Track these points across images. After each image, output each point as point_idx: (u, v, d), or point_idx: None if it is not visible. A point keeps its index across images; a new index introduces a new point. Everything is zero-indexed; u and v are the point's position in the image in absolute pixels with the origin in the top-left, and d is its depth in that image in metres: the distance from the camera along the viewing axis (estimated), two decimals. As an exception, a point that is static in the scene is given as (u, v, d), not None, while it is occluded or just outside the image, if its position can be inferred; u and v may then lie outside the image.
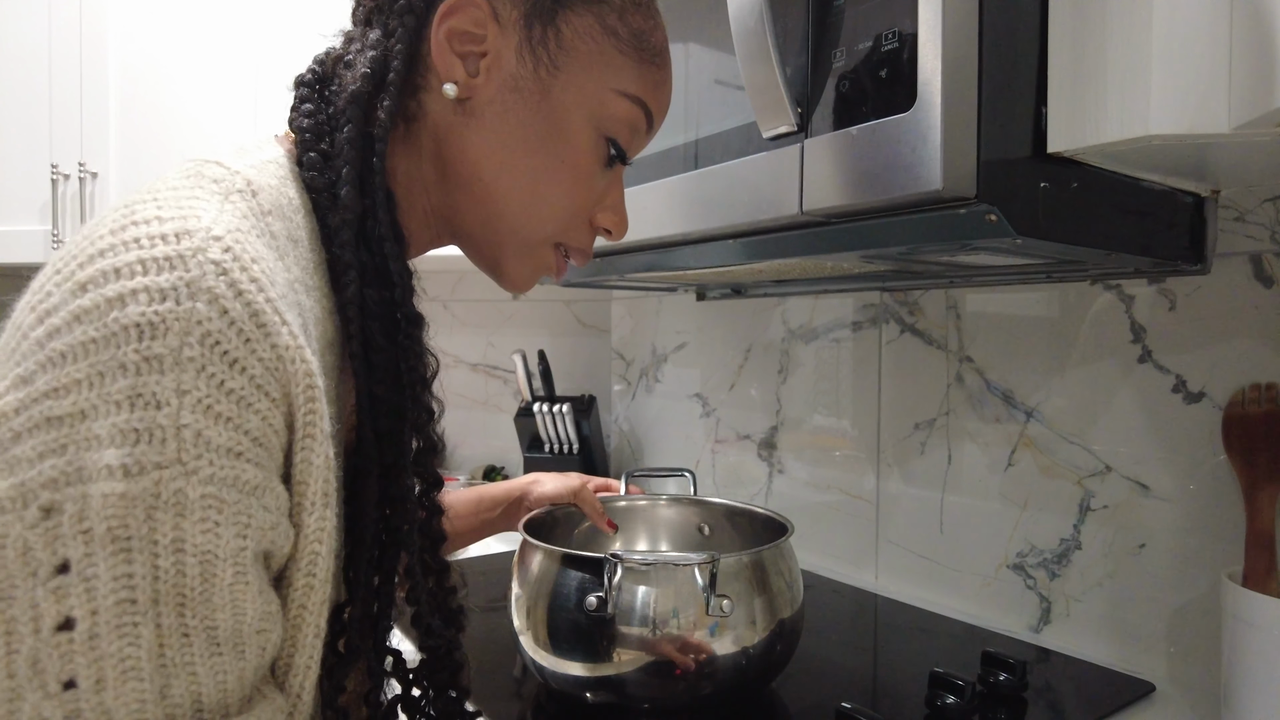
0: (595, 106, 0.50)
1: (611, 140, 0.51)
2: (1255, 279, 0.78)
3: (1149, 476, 0.86)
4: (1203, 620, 0.81)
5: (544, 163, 0.49)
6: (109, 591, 0.32)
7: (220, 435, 0.34)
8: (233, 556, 0.35)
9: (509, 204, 0.50)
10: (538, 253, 0.53)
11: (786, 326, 1.29)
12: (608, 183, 0.54)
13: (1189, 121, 0.53)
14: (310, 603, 0.40)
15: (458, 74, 0.47)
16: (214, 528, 0.34)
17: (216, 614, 0.35)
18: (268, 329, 0.36)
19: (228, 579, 0.35)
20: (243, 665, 0.37)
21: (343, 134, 0.45)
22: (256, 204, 0.41)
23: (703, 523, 0.98)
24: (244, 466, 0.35)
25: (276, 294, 0.37)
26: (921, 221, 0.58)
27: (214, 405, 0.34)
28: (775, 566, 0.75)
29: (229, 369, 0.35)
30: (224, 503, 0.34)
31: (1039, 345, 0.95)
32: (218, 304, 0.34)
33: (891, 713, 0.77)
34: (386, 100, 0.46)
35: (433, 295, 1.84)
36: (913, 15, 0.52)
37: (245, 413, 0.35)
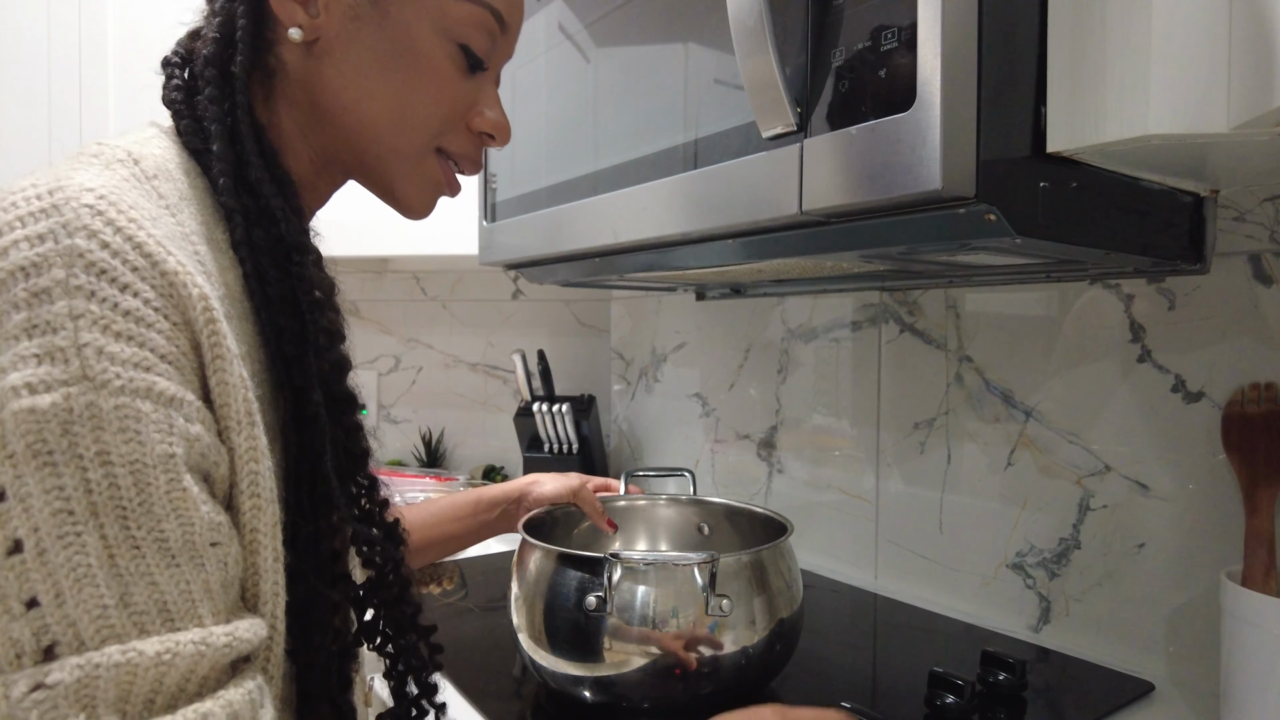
0: (436, 15, 0.51)
1: (464, 46, 0.53)
2: (1254, 278, 0.78)
3: (1148, 476, 0.86)
4: (1202, 620, 0.81)
5: (401, 78, 0.52)
6: (43, 505, 0.34)
7: (124, 350, 0.36)
8: (162, 463, 0.36)
9: (379, 126, 0.52)
10: (422, 165, 0.55)
11: (786, 326, 1.29)
12: (476, 89, 0.55)
13: (1188, 121, 0.53)
14: (262, 524, 0.41)
15: (299, 17, 0.49)
16: (135, 436, 0.36)
17: (163, 524, 0.36)
18: (153, 257, 0.38)
19: (163, 486, 0.36)
20: (205, 577, 0.37)
21: (204, 95, 0.48)
22: (139, 170, 0.43)
23: (702, 522, 0.98)
24: (154, 379, 0.37)
25: (160, 232, 0.39)
26: (921, 221, 0.58)
27: (111, 325, 0.36)
28: (775, 566, 0.75)
29: (120, 292, 0.36)
30: (140, 412, 0.36)
31: (1038, 345, 0.96)
32: (96, 238, 0.36)
33: (891, 712, 0.77)
34: (239, 57, 0.49)
35: (432, 295, 1.84)
36: (912, 15, 0.52)
37: (146, 330, 0.37)
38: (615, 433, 1.75)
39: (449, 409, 1.85)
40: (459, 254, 1.34)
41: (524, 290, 1.81)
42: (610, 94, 0.84)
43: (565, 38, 0.91)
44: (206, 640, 0.36)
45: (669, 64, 0.75)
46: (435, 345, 1.86)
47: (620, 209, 0.81)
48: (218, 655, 0.37)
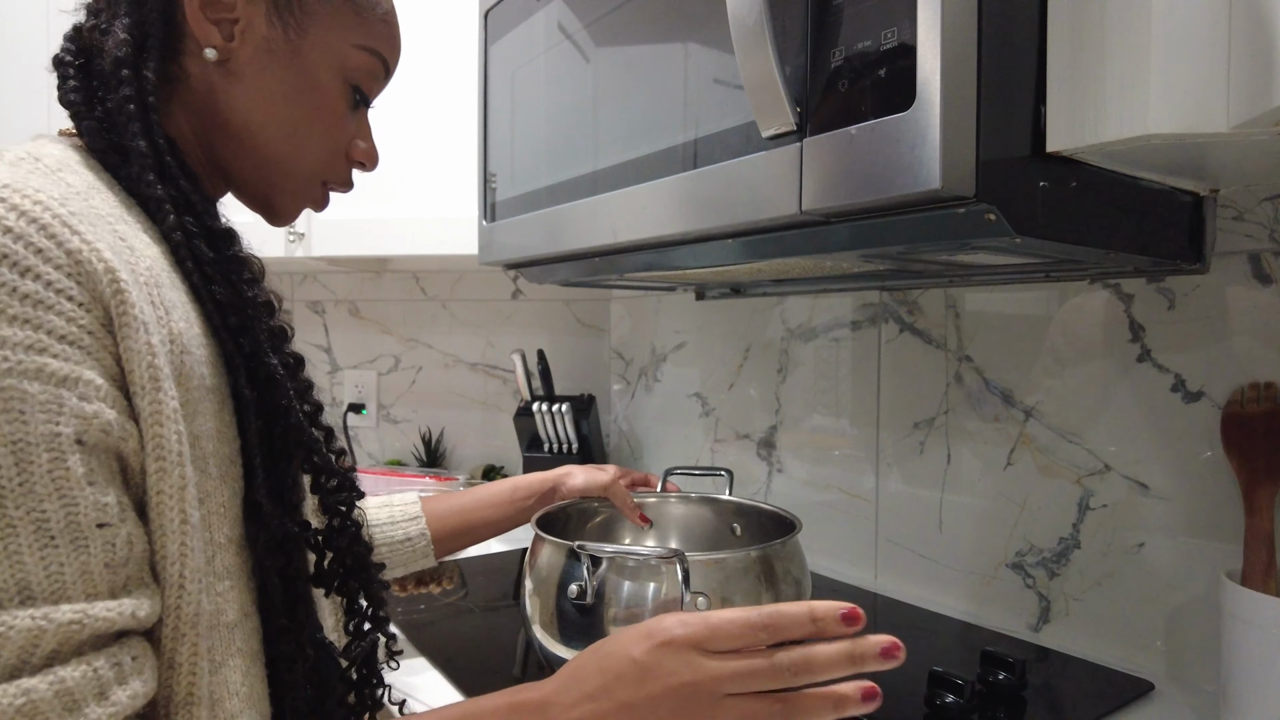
0: (339, 60, 0.58)
1: (355, 87, 0.60)
2: (1254, 278, 0.78)
3: (1148, 475, 0.86)
4: (1201, 619, 0.82)
5: (302, 113, 0.58)
6: None
7: (17, 334, 0.38)
8: (45, 442, 0.38)
9: (277, 151, 0.58)
10: (307, 190, 0.62)
11: (785, 326, 1.29)
12: (357, 124, 0.63)
13: (1188, 121, 0.53)
14: (166, 486, 0.42)
15: (215, 40, 0.53)
16: (20, 416, 0.37)
17: (44, 504, 0.37)
18: (58, 238, 0.40)
19: (45, 465, 0.38)
20: (85, 559, 0.39)
21: (119, 94, 0.50)
22: (43, 165, 0.46)
23: (735, 522, 0.98)
24: (46, 360, 0.38)
25: (66, 211, 0.41)
26: (920, 221, 0.58)
27: (7, 309, 0.38)
28: (783, 563, 0.76)
29: (20, 276, 0.38)
30: (25, 394, 0.37)
31: (1038, 344, 0.96)
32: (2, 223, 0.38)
33: (891, 712, 0.77)
34: (152, 62, 0.52)
35: (432, 295, 1.84)
36: (912, 15, 0.52)
37: (44, 313, 0.39)
38: (615, 432, 1.75)
39: (449, 409, 1.85)
40: (458, 254, 1.34)
41: (524, 290, 1.81)
42: (610, 94, 0.84)
43: (565, 37, 0.91)
44: (49, 616, 0.37)
45: (669, 63, 0.75)
46: (435, 345, 1.86)
47: (620, 209, 0.81)
48: (64, 633, 0.37)
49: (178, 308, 0.47)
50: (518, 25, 1.00)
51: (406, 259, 1.60)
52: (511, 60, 1.02)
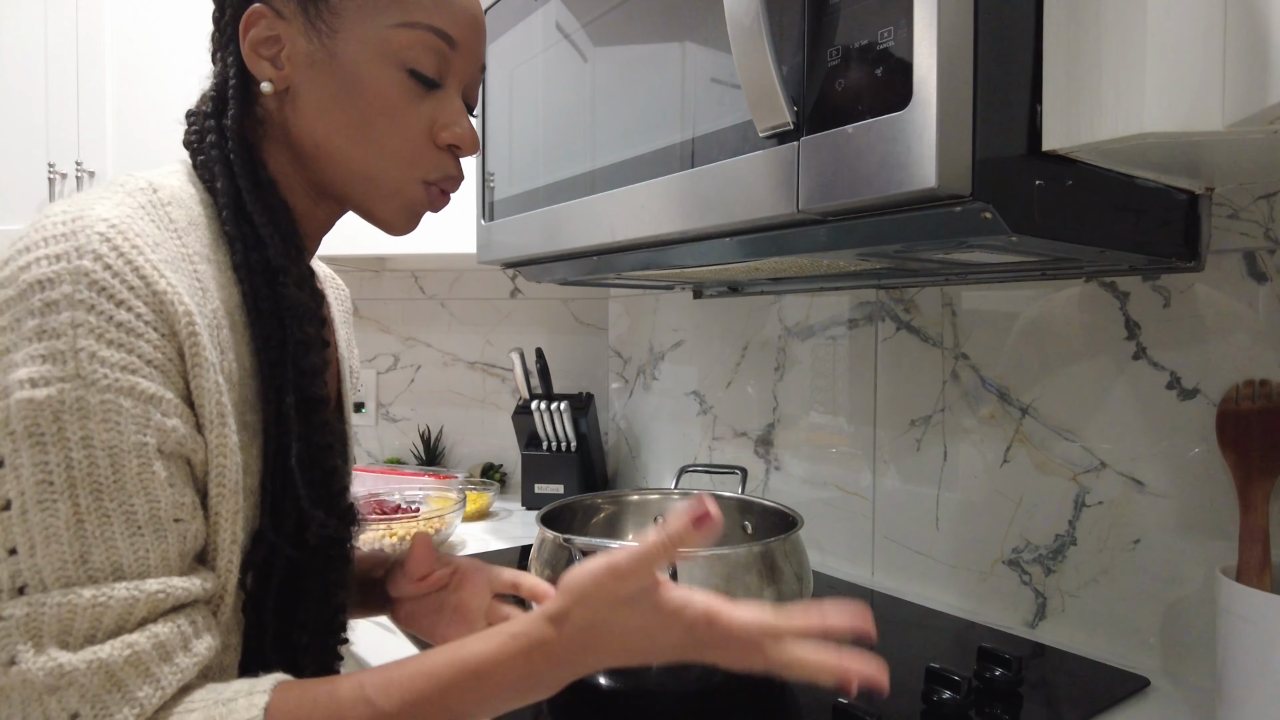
0: (379, 48, 0.56)
1: (412, 71, 0.56)
2: (1249, 276, 0.78)
3: (1143, 472, 0.86)
4: (1197, 615, 0.82)
5: (358, 114, 0.56)
6: (29, 475, 0.42)
7: (114, 355, 0.44)
8: (136, 450, 0.44)
9: (349, 159, 0.57)
10: (402, 191, 0.59)
11: (783, 324, 1.29)
12: (435, 107, 0.58)
13: (1183, 119, 0.54)
14: (223, 510, 0.49)
15: (268, 72, 0.56)
16: (115, 426, 0.44)
17: (133, 499, 0.44)
18: (148, 279, 0.45)
19: (134, 469, 0.44)
20: (165, 547, 0.46)
21: (206, 142, 0.56)
22: (156, 198, 0.51)
23: (746, 520, 0.99)
24: (137, 380, 0.45)
25: (158, 257, 0.47)
26: (917, 219, 0.58)
27: (105, 333, 0.44)
28: (785, 559, 0.76)
29: (116, 307, 0.44)
30: (121, 408, 0.44)
31: (1034, 342, 0.96)
32: (101, 260, 0.44)
33: (888, 708, 0.77)
34: (231, 110, 0.56)
35: (431, 294, 1.84)
36: (908, 14, 0.52)
37: (135, 340, 0.45)
38: (613, 430, 1.75)
39: (447, 407, 1.86)
40: (457, 253, 1.34)
41: (522, 289, 1.81)
42: (607, 93, 0.84)
43: (563, 37, 0.91)
44: (140, 588, 0.44)
45: (666, 63, 0.75)
46: (434, 344, 1.86)
47: (618, 208, 0.81)
48: (152, 601, 0.45)
49: (232, 347, 0.52)
50: (516, 25, 1.00)
51: (405, 258, 1.60)
52: (509, 59, 1.02)
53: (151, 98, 1.52)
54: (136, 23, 1.53)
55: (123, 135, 1.53)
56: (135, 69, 1.53)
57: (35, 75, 1.55)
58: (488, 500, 1.57)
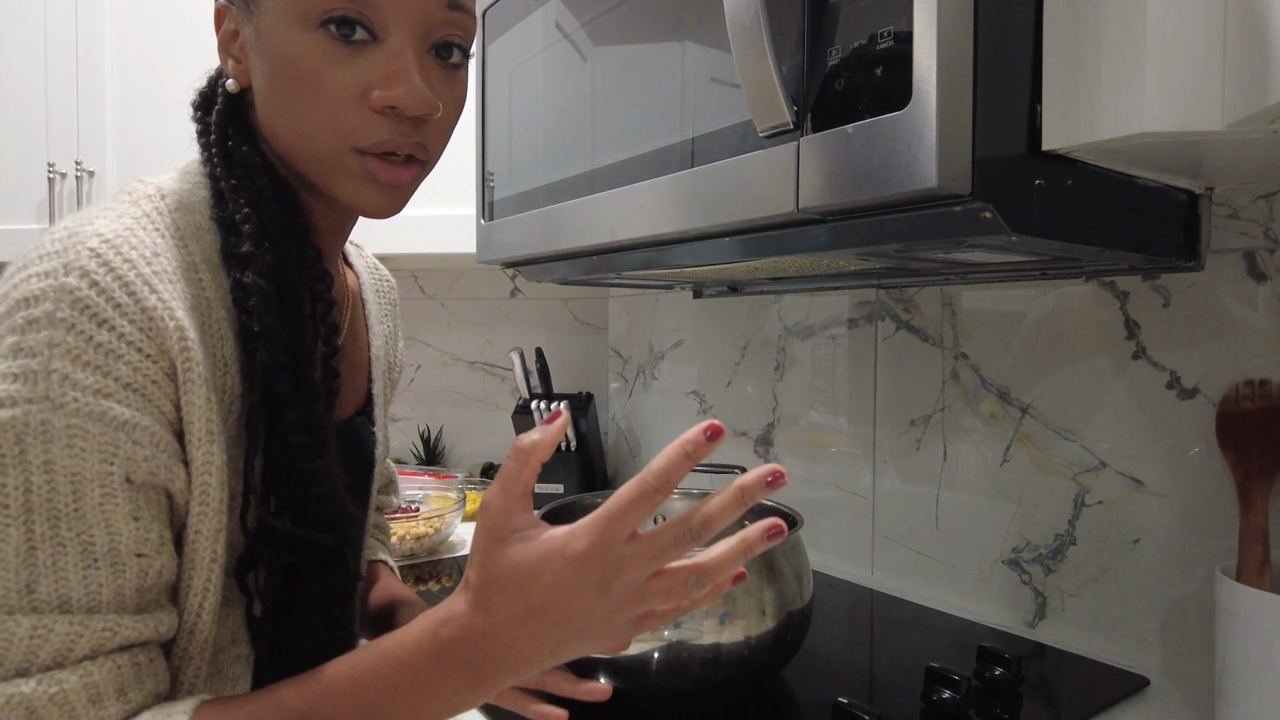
0: (288, 10, 0.50)
1: (328, 20, 0.49)
2: (1248, 275, 0.78)
3: (1143, 472, 0.86)
4: (1197, 615, 0.82)
5: (285, 88, 0.51)
6: None
7: (87, 378, 0.42)
8: (99, 479, 0.42)
9: (291, 142, 0.53)
10: (346, 165, 0.52)
11: (783, 324, 1.29)
12: (366, 66, 0.51)
13: (1183, 119, 0.54)
14: (204, 529, 0.47)
15: (230, 69, 0.55)
16: (79, 453, 0.42)
17: (92, 530, 0.42)
18: (137, 295, 0.44)
19: (96, 498, 0.42)
20: (120, 582, 0.44)
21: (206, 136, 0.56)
22: (164, 204, 0.50)
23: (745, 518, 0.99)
24: (110, 405, 0.43)
25: (152, 270, 0.45)
26: (917, 219, 0.58)
27: (82, 354, 0.42)
28: (785, 558, 0.76)
29: (98, 327, 0.43)
30: (88, 433, 0.42)
31: (1034, 342, 0.96)
32: (88, 278, 0.43)
33: (888, 707, 0.77)
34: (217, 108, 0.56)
35: (430, 293, 1.84)
36: (908, 13, 0.52)
37: (113, 362, 0.43)
38: (613, 430, 1.75)
39: (447, 407, 1.86)
40: (457, 252, 1.34)
41: (522, 288, 1.81)
42: (607, 92, 0.84)
43: (562, 36, 0.91)
44: (85, 623, 0.42)
45: (666, 62, 0.75)
46: (433, 343, 1.86)
47: (617, 207, 0.81)
48: (97, 639, 0.42)
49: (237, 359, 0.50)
50: (515, 24, 1.00)
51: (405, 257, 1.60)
52: (509, 59, 1.02)
53: (151, 98, 1.52)
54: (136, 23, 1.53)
55: (123, 135, 1.53)
56: (135, 69, 1.53)
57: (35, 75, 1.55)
58: (487, 500, 1.57)
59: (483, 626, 0.43)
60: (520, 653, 0.43)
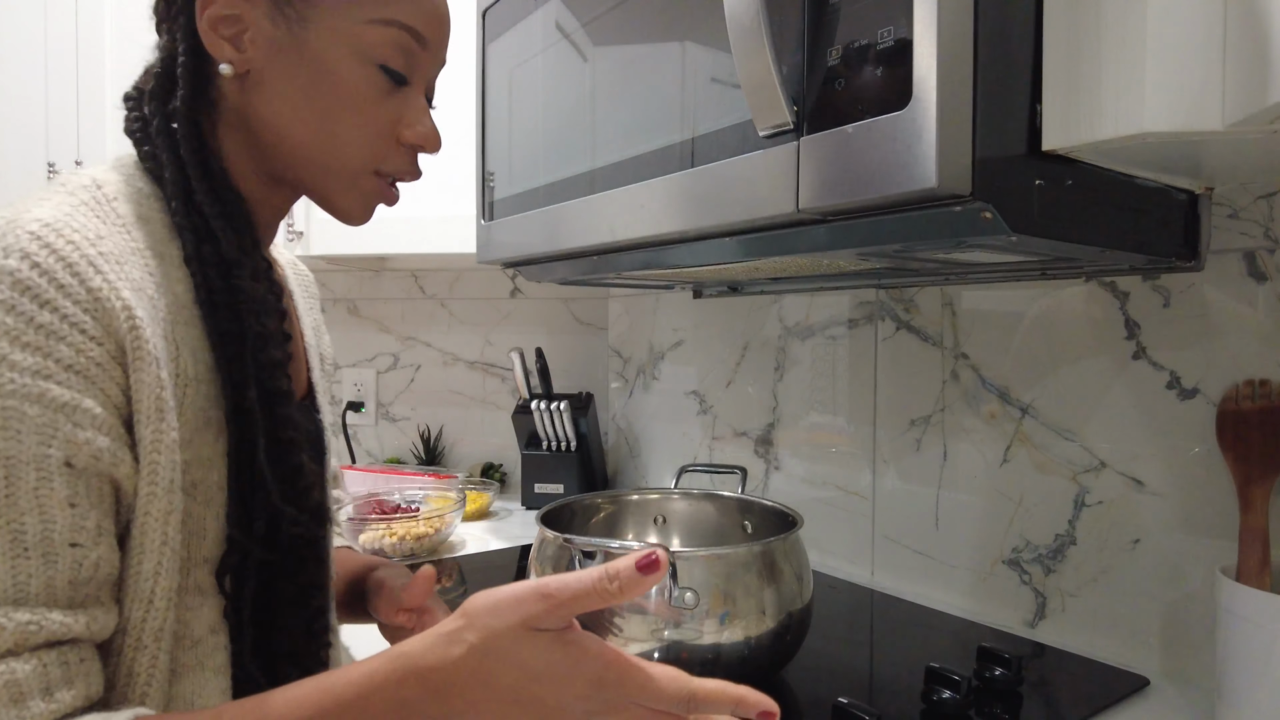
0: (352, 42, 0.54)
1: (383, 67, 0.56)
2: (1248, 275, 0.78)
3: (1143, 472, 0.86)
4: (1197, 615, 0.82)
5: (324, 104, 0.55)
6: None
7: (26, 359, 0.41)
8: (36, 462, 0.41)
9: (310, 150, 0.56)
10: (360, 183, 0.58)
11: (783, 324, 1.29)
12: (401, 104, 0.58)
13: (1183, 119, 0.54)
14: (153, 509, 0.46)
15: (227, 53, 0.54)
16: (16, 435, 0.41)
17: (24, 517, 0.41)
18: (82, 276, 0.43)
19: (31, 482, 0.41)
20: (51, 574, 0.42)
21: (153, 126, 0.54)
22: (101, 194, 0.49)
23: (746, 520, 0.99)
24: (50, 386, 0.42)
25: (97, 251, 0.45)
26: (917, 219, 0.58)
27: (20, 336, 0.41)
28: (785, 558, 0.76)
29: (39, 308, 0.42)
30: (25, 415, 0.41)
31: (1034, 342, 0.96)
32: (29, 259, 0.42)
33: (888, 707, 0.77)
34: (180, 91, 0.54)
35: (431, 293, 1.84)
36: (908, 14, 0.52)
37: (54, 343, 0.42)
38: (613, 430, 1.75)
39: (447, 407, 1.86)
40: (457, 252, 1.34)
41: (522, 288, 1.81)
42: (607, 92, 0.84)
43: (562, 36, 0.91)
44: (9, 615, 0.40)
45: (666, 62, 0.75)
46: (433, 343, 1.86)
47: (617, 207, 0.81)
48: (21, 632, 0.40)
49: (189, 343, 0.50)
50: (515, 24, 1.00)
51: (405, 258, 1.60)
52: (509, 59, 1.02)
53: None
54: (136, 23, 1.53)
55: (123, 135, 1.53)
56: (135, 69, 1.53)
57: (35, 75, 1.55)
58: (487, 500, 1.57)
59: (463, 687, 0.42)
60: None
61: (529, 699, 0.42)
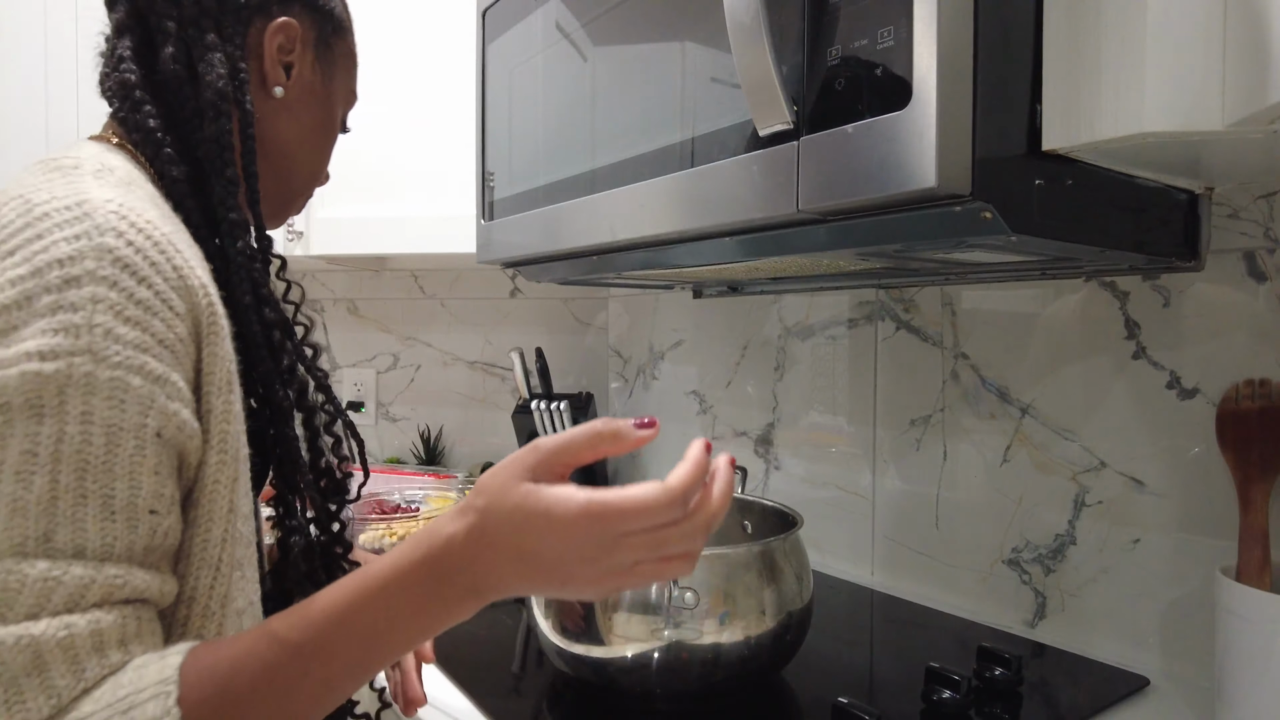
0: (344, 98, 0.72)
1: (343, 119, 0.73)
2: (1248, 275, 0.78)
3: (1143, 472, 0.86)
4: (1197, 615, 0.82)
5: (324, 140, 0.70)
6: (15, 446, 0.41)
7: (129, 333, 0.44)
8: (135, 430, 0.43)
9: (305, 170, 0.69)
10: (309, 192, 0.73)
11: (783, 324, 1.29)
12: None
13: (1183, 119, 0.54)
14: (223, 477, 0.49)
15: (282, 79, 0.64)
16: (119, 404, 0.43)
17: (115, 482, 0.43)
18: (168, 254, 0.46)
19: (129, 450, 0.43)
20: (133, 538, 0.44)
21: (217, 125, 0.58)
22: (116, 178, 0.51)
23: (745, 520, 0.99)
24: (148, 359, 0.44)
25: (168, 229, 0.48)
26: (917, 219, 0.58)
27: (124, 310, 0.44)
28: (785, 558, 0.76)
29: (137, 284, 0.44)
30: (129, 386, 0.43)
31: (1034, 342, 0.96)
32: (123, 238, 0.45)
33: (888, 707, 0.77)
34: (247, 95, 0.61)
35: (430, 293, 1.84)
36: (908, 14, 0.52)
37: (151, 318, 0.45)
38: (613, 430, 1.75)
39: (447, 407, 1.86)
40: (457, 252, 1.34)
41: (522, 288, 1.81)
42: (607, 92, 0.84)
43: (562, 36, 0.91)
44: (100, 569, 0.42)
45: (666, 62, 0.75)
46: (433, 343, 1.86)
47: (617, 207, 0.81)
48: (108, 586, 0.43)
49: None
50: (515, 24, 1.00)
51: (405, 257, 1.60)
52: (509, 59, 1.02)
53: (151, 97, 1.52)
54: (136, 22, 1.53)
55: (122, 135, 1.53)
56: (135, 68, 1.53)
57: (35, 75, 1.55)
58: (488, 500, 1.57)
59: (475, 554, 0.46)
60: (502, 586, 0.47)
61: (529, 554, 0.45)
